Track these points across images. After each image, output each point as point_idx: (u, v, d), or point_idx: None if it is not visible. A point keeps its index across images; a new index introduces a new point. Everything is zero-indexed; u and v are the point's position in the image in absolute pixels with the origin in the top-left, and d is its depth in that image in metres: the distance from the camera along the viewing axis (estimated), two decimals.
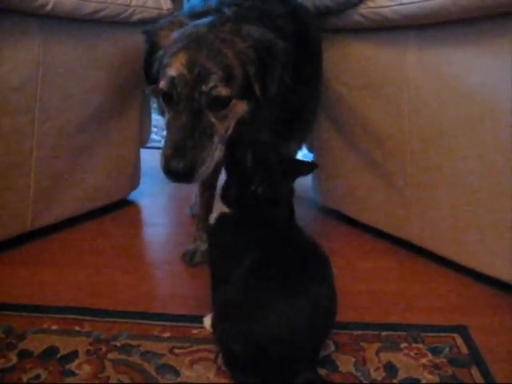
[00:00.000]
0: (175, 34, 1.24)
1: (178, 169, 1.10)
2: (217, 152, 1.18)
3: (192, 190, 1.98)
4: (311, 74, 1.55)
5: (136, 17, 1.74)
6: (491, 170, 1.42)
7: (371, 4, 1.56)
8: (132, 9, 1.72)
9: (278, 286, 1.07)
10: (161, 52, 1.26)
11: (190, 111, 1.14)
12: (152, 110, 2.20)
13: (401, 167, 1.66)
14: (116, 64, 1.80)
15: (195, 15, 1.32)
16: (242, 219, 1.19)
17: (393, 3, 1.50)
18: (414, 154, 1.61)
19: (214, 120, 1.16)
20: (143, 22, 1.75)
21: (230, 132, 1.21)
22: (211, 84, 1.14)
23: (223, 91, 1.15)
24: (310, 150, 2.11)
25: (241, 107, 1.21)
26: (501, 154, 1.39)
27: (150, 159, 2.44)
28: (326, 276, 1.15)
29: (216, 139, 1.17)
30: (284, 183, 1.20)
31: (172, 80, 1.16)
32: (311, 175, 2.08)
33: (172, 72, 1.16)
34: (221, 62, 1.16)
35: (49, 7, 1.48)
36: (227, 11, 1.31)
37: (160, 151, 1.16)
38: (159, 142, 2.99)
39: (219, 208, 1.23)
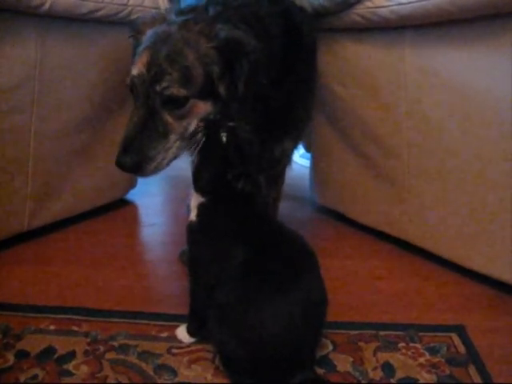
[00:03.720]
0: (149, 32, 1.26)
1: (125, 164, 1.16)
2: (173, 149, 1.20)
3: (189, 189, 1.97)
4: (304, 73, 1.54)
5: (134, 16, 1.73)
6: (491, 170, 1.42)
7: (369, 4, 1.55)
8: (129, 8, 1.71)
9: (271, 284, 1.06)
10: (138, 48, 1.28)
11: (145, 109, 1.18)
12: None
13: (399, 167, 1.66)
14: (113, 63, 1.79)
15: (182, 12, 1.33)
16: (222, 207, 1.16)
17: (391, 3, 1.50)
18: (411, 153, 1.62)
19: (169, 119, 1.18)
20: None
21: (190, 130, 1.21)
22: (164, 84, 1.15)
23: (176, 92, 1.16)
24: (308, 149, 2.11)
25: (202, 107, 1.21)
26: (500, 153, 1.39)
27: None
28: (313, 267, 1.13)
29: (172, 137, 1.19)
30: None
31: (133, 77, 1.20)
32: (309, 174, 2.08)
33: (134, 70, 1.20)
34: (179, 64, 1.17)
35: (46, 7, 1.47)
36: (211, 10, 1.31)
37: None
38: None
39: (196, 201, 1.19)
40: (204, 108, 1.21)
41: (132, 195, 2.14)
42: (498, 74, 1.35)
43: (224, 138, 1.12)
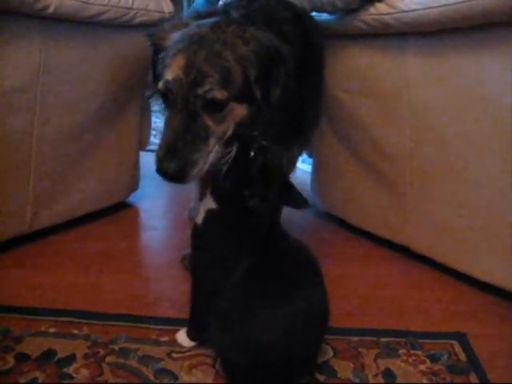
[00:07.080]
0: (176, 35, 1.23)
1: (169, 169, 1.12)
2: (212, 154, 1.17)
3: (191, 194, 1.97)
4: (313, 80, 1.55)
5: (137, 20, 1.74)
6: (492, 176, 1.42)
7: (373, 11, 1.56)
8: (134, 12, 1.72)
9: (273, 293, 1.06)
10: (163, 53, 1.25)
11: (185, 113, 1.14)
12: (152, 113, 2.19)
13: (401, 173, 1.66)
14: (117, 67, 1.80)
15: (200, 17, 1.31)
16: (232, 217, 1.15)
17: (394, 10, 1.50)
18: (414, 160, 1.61)
19: (209, 123, 1.16)
20: (145, 25, 1.74)
21: (228, 134, 1.20)
22: (207, 87, 1.13)
23: (218, 94, 1.14)
24: (310, 154, 2.11)
25: (239, 111, 1.20)
26: (501, 160, 1.40)
27: (150, 162, 2.43)
28: (316, 278, 1.14)
29: (212, 141, 1.17)
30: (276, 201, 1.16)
31: (167, 82, 1.16)
32: (310, 180, 2.08)
33: (169, 74, 1.16)
34: (219, 65, 1.15)
35: (50, 10, 1.48)
36: (233, 13, 1.31)
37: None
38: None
39: (206, 205, 1.18)
40: (241, 111, 1.20)
41: (133, 198, 2.14)
42: (502, 81, 1.35)
43: (252, 154, 1.10)
